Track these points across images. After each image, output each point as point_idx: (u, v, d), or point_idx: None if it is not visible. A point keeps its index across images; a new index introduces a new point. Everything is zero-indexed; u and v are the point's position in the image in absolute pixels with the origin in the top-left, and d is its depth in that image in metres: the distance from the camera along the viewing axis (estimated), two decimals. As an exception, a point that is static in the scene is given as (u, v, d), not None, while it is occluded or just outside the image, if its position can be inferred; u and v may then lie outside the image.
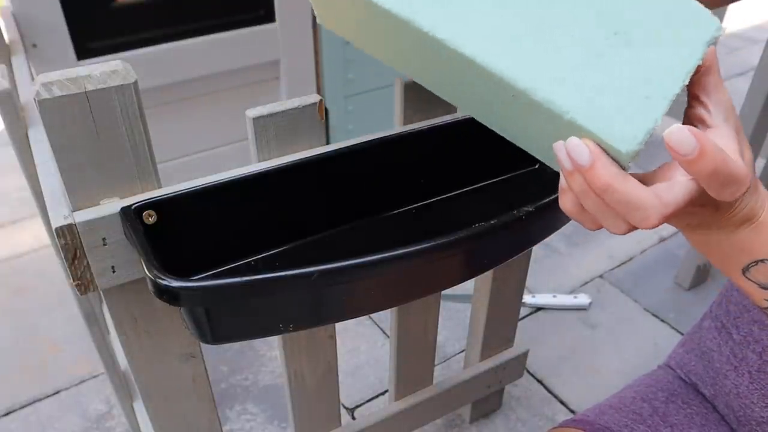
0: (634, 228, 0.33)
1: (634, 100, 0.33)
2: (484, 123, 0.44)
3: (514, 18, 0.35)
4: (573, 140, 0.32)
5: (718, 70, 0.35)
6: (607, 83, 0.33)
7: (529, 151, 0.42)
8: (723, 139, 0.33)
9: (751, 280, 0.35)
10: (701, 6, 0.35)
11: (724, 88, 0.35)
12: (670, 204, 0.31)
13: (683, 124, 0.36)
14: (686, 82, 0.34)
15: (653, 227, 0.31)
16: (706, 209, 0.34)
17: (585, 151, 0.32)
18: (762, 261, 0.34)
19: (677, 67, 0.34)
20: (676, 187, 0.31)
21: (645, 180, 0.33)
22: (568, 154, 0.32)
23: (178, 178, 0.51)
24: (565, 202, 0.35)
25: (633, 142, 0.32)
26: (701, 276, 1.38)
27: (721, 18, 1.74)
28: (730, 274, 0.36)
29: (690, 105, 0.35)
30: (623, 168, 0.33)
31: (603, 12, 0.35)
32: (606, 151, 0.32)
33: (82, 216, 0.46)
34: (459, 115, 0.65)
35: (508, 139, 0.43)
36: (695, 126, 0.34)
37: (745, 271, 0.35)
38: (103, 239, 0.47)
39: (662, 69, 0.34)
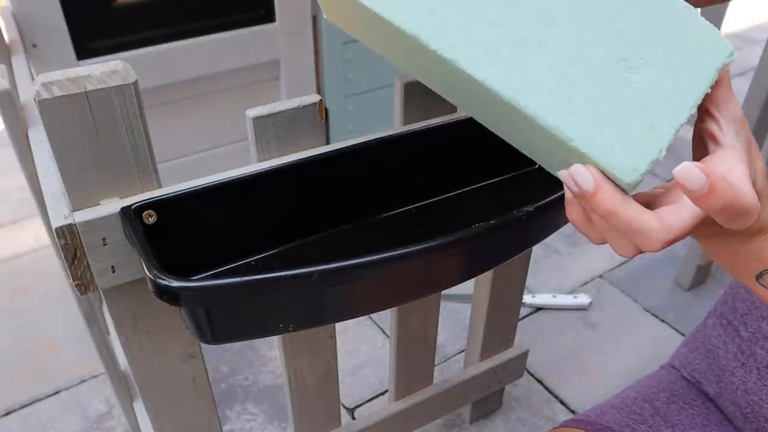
0: (640, 251, 0.33)
1: (639, 129, 0.33)
2: (490, 128, 0.44)
3: (522, 40, 0.35)
4: (577, 167, 0.32)
5: (729, 83, 0.35)
6: (613, 110, 0.33)
7: (531, 157, 0.42)
8: (733, 162, 0.32)
9: (765, 286, 0.35)
10: (714, 29, 0.34)
11: (735, 101, 0.35)
12: (673, 229, 0.31)
13: (693, 138, 0.36)
14: (693, 111, 0.33)
15: (657, 251, 0.32)
16: (716, 226, 0.33)
17: (589, 178, 0.32)
18: None
19: (685, 95, 0.33)
20: (682, 211, 0.31)
21: (654, 200, 0.33)
22: (572, 178, 0.33)
23: (178, 178, 0.51)
24: (572, 213, 0.35)
25: (635, 173, 0.32)
26: (701, 276, 1.38)
27: (721, 18, 1.74)
28: (742, 279, 0.36)
29: (700, 119, 0.35)
30: (627, 192, 0.32)
31: (610, 35, 0.34)
32: (609, 177, 0.32)
33: (82, 216, 0.46)
34: (459, 115, 0.65)
35: (513, 145, 0.43)
36: (706, 141, 0.34)
37: (758, 277, 0.35)
38: (103, 239, 0.47)
39: (670, 96, 0.33)
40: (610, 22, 0.34)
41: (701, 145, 0.35)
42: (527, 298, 1.31)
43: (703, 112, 0.35)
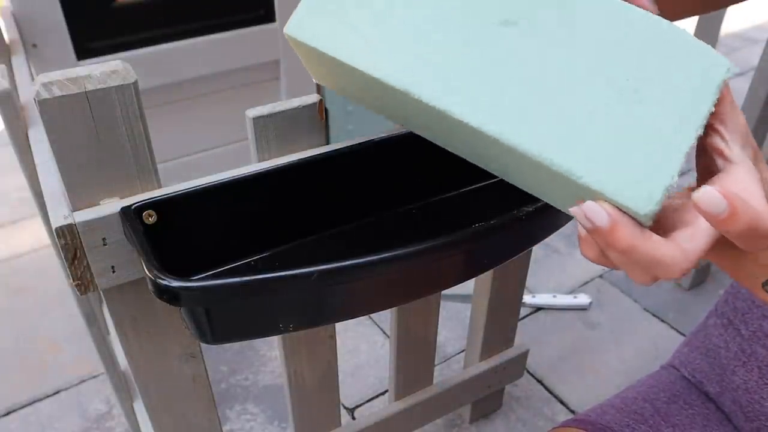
0: (658, 279, 0.32)
1: (647, 157, 0.32)
2: (494, 173, 0.42)
3: (514, 79, 0.34)
4: (590, 205, 0.31)
5: (731, 97, 0.34)
6: (618, 141, 0.32)
7: (538, 196, 0.41)
8: (749, 182, 0.32)
9: None
10: (707, 46, 0.33)
11: (740, 114, 0.34)
12: (692, 257, 0.31)
13: (698, 152, 0.35)
14: (700, 132, 0.32)
15: (677, 278, 0.31)
16: (729, 245, 0.33)
17: (603, 215, 0.31)
18: None
19: (689, 117, 0.32)
20: (698, 234, 0.31)
21: (666, 224, 0.33)
22: (585, 216, 0.32)
23: (178, 178, 0.51)
24: (587, 250, 0.34)
25: (651, 202, 0.31)
26: (701, 276, 1.38)
27: (721, 18, 1.74)
28: (750, 288, 0.36)
29: (705, 133, 0.35)
30: (644, 224, 0.32)
31: (604, 64, 0.34)
32: (624, 211, 0.31)
33: (82, 216, 0.46)
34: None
35: (518, 186, 0.41)
36: (712, 157, 0.34)
37: (765, 284, 0.35)
38: (103, 239, 0.47)
39: (674, 120, 0.32)
40: (601, 51, 0.34)
41: (705, 160, 0.35)
42: (527, 298, 1.31)
43: (708, 127, 0.34)
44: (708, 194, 0.28)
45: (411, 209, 0.64)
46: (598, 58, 0.34)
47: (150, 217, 0.48)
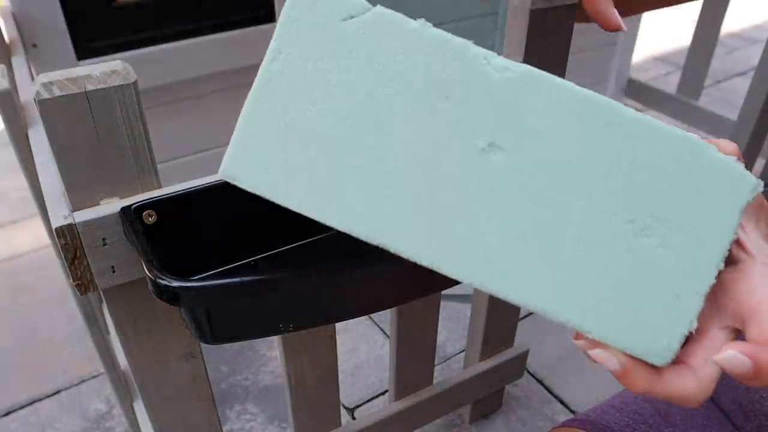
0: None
1: (662, 302, 0.29)
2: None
3: (505, 222, 0.29)
4: (599, 354, 0.30)
5: (755, 208, 0.32)
6: (630, 286, 0.29)
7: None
8: (762, 291, 0.29)
9: None
10: (732, 162, 0.28)
11: (765, 205, 0.32)
12: (710, 385, 0.29)
13: None
14: (721, 268, 0.28)
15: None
16: None
17: (615, 363, 0.29)
18: None
19: (709, 250, 0.28)
20: (711, 361, 0.29)
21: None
22: (594, 359, 0.30)
23: (178, 178, 0.51)
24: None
25: (668, 354, 0.29)
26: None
27: (721, 18, 1.74)
28: None
29: None
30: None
31: (612, 196, 0.29)
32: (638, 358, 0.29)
33: (82, 216, 0.46)
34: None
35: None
36: (731, 250, 0.30)
37: None
38: (103, 239, 0.47)
39: (692, 255, 0.28)
40: (607, 181, 0.29)
41: None
42: (527, 298, 1.31)
43: None
44: (731, 359, 0.27)
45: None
46: (603, 189, 0.29)
47: (150, 217, 0.48)
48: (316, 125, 0.30)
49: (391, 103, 0.30)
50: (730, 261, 0.30)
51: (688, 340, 0.30)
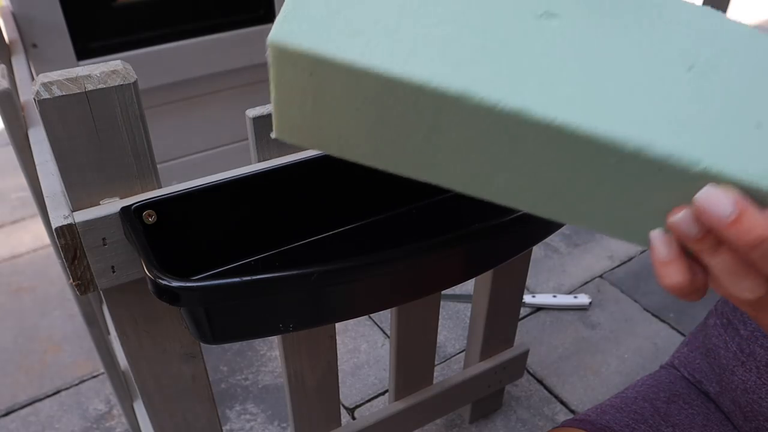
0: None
1: (747, 132, 0.27)
2: (520, 208, 0.33)
3: (586, 70, 0.28)
4: (707, 194, 0.26)
5: None
6: (711, 118, 0.28)
7: (594, 228, 0.32)
8: None
9: None
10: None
11: None
12: None
13: None
14: None
15: None
16: None
17: (727, 203, 0.25)
18: None
19: None
20: None
21: None
22: (695, 216, 0.26)
23: (178, 178, 0.51)
24: (671, 276, 0.29)
25: None
26: (701, 276, 1.37)
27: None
28: None
29: None
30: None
31: (671, 46, 0.29)
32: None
33: (82, 216, 0.46)
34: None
35: (566, 221, 0.33)
36: None
37: None
38: (103, 239, 0.47)
39: (758, 90, 0.28)
40: (666, 34, 0.30)
41: None
42: (527, 298, 1.31)
43: None
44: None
45: (411, 209, 0.64)
46: (668, 40, 0.29)
47: (150, 217, 0.48)
48: None
49: None
50: None
51: None
